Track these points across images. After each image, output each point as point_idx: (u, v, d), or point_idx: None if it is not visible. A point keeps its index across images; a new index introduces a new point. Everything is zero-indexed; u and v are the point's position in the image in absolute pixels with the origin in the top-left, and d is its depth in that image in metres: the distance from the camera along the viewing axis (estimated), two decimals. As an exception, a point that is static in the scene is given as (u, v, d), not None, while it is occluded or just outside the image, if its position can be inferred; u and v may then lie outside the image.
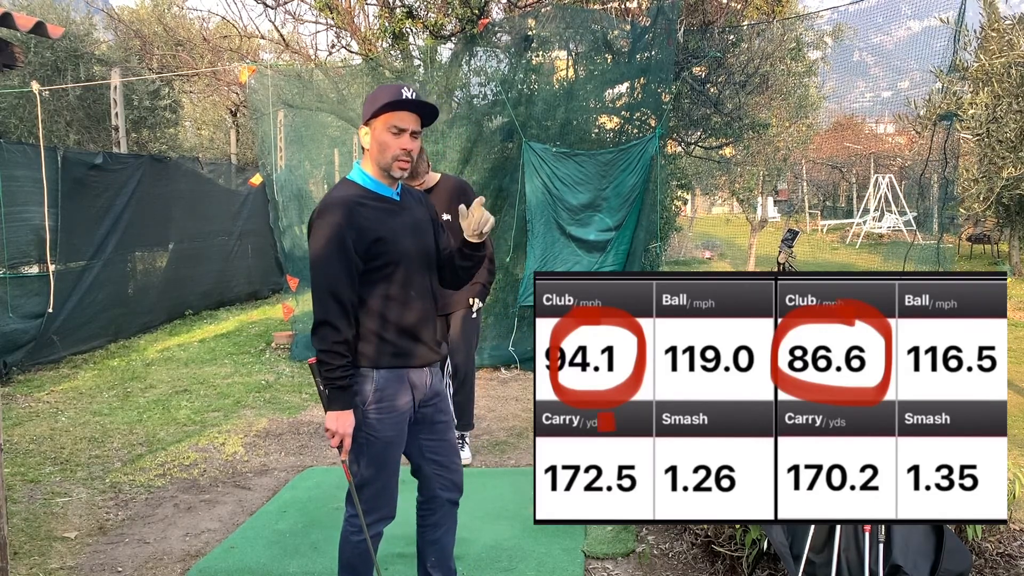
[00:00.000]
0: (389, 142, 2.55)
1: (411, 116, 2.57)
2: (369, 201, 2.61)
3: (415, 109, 2.57)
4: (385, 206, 2.63)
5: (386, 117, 2.55)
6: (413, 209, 2.72)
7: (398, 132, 2.55)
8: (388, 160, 2.57)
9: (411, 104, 2.54)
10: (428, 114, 2.63)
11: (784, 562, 3.02)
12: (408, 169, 2.62)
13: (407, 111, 2.56)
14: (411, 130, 2.57)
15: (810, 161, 23.63)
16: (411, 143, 2.58)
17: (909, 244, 6.09)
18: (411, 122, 2.57)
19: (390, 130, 2.55)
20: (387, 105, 2.53)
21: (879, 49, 10.63)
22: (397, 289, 2.57)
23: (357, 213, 2.55)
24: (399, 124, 2.55)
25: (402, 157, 2.57)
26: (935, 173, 8.07)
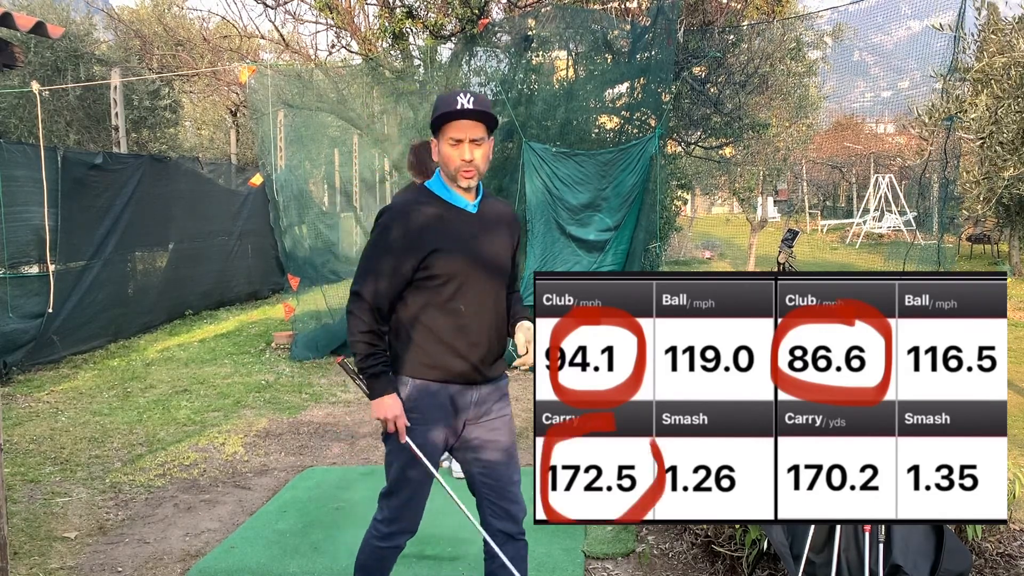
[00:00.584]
0: (450, 154, 2.50)
1: (470, 124, 2.48)
2: (434, 208, 2.55)
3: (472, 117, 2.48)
4: (452, 216, 2.56)
5: (444, 129, 2.50)
6: (490, 224, 2.62)
7: (455, 143, 2.49)
8: (452, 172, 2.52)
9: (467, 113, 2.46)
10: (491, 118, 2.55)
11: (784, 562, 3.02)
12: (474, 177, 2.53)
13: (465, 120, 2.48)
14: (470, 139, 2.48)
15: (810, 161, 23.64)
16: (472, 153, 2.49)
17: (909, 244, 6.09)
18: (470, 131, 2.49)
19: (448, 142, 2.50)
20: (440, 117, 2.49)
21: (879, 49, 10.63)
22: (443, 300, 2.51)
23: (413, 219, 2.52)
24: (455, 135, 2.48)
25: (464, 168, 2.50)
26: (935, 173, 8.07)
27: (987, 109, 4.68)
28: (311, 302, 8.94)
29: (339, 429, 5.77)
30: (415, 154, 4.61)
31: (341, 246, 12.11)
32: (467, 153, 2.48)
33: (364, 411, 6.24)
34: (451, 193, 2.57)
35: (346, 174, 11.40)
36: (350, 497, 4.42)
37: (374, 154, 11.38)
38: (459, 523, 4.03)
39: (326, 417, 6.07)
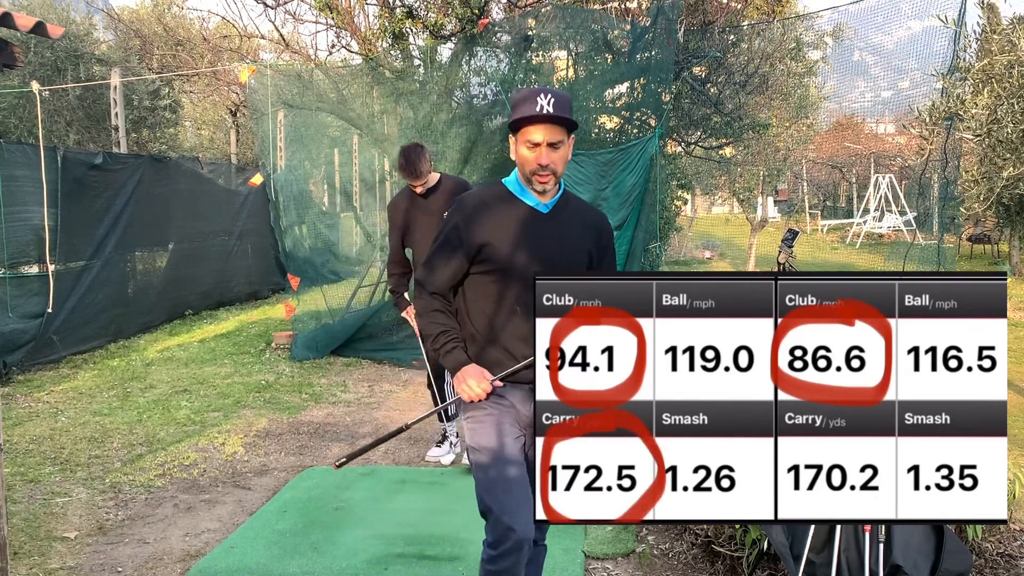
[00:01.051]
0: (526, 157, 2.45)
1: (547, 127, 2.40)
2: (503, 205, 2.51)
3: (552, 121, 2.39)
4: (518, 213, 2.50)
5: (522, 130, 2.43)
6: (563, 227, 2.54)
7: (533, 146, 2.42)
8: (528, 175, 2.47)
9: (547, 118, 2.38)
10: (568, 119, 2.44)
11: (784, 562, 3.02)
12: (549, 182, 2.47)
13: (542, 123, 2.39)
14: (547, 142, 2.41)
15: (810, 161, 23.64)
16: (549, 156, 2.41)
17: (909, 244, 6.09)
18: (547, 134, 2.40)
19: (525, 144, 2.43)
20: (518, 121, 2.41)
21: (879, 49, 10.63)
22: (497, 298, 2.48)
23: (478, 212, 2.50)
24: (532, 139, 2.41)
25: (539, 173, 2.44)
26: (935, 173, 8.08)
27: (987, 108, 4.68)
28: (311, 302, 8.94)
29: (339, 429, 5.76)
30: (405, 156, 4.62)
31: (341, 246, 12.11)
32: (544, 157, 2.42)
33: (364, 411, 6.24)
34: (524, 190, 2.53)
35: (346, 174, 11.40)
36: (350, 497, 4.42)
37: (374, 154, 11.38)
38: (459, 523, 4.03)
39: (326, 417, 6.07)
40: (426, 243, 4.78)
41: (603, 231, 2.64)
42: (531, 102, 2.38)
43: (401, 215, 4.80)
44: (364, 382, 7.19)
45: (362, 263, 10.24)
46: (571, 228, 2.55)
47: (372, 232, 11.11)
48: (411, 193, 4.74)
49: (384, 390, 6.89)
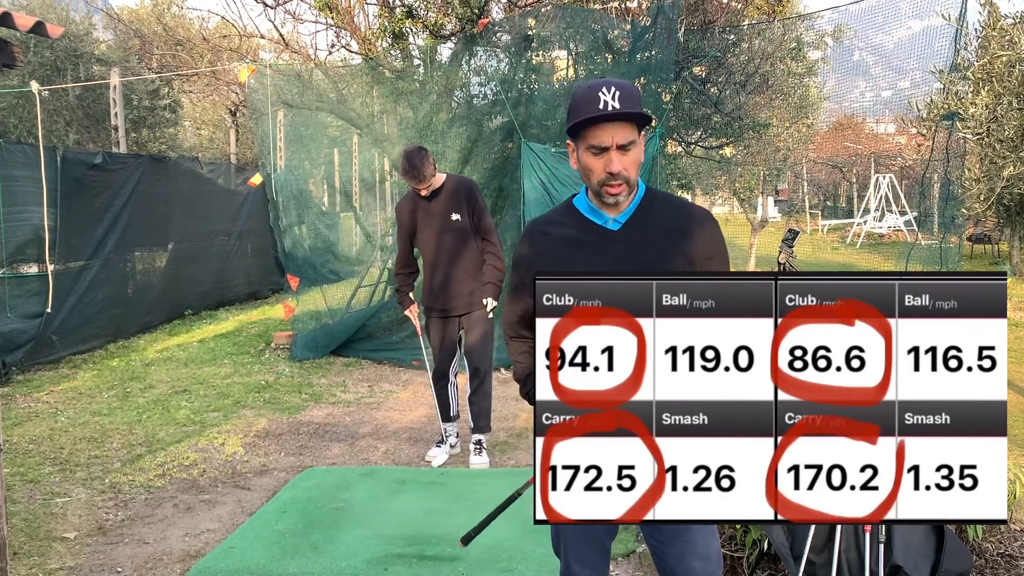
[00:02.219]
0: (592, 165, 2.05)
1: (614, 126, 2.00)
2: (563, 228, 2.19)
3: (619, 118, 2.00)
4: (584, 236, 2.16)
5: (583, 134, 2.03)
6: (639, 242, 2.16)
7: (598, 152, 2.03)
8: (595, 186, 2.08)
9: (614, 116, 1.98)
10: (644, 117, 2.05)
11: (784, 562, 3.01)
12: (622, 192, 2.08)
13: (608, 122, 2.00)
14: (616, 144, 2.02)
15: (810, 161, 23.64)
16: (620, 162, 2.03)
17: (911, 244, 6.09)
18: (616, 135, 2.01)
19: (589, 151, 2.04)
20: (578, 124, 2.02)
21: (879, 49, 10.63)
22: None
23: (536, 241, 2.22)
24: (599, 143, 2.02)
25: (610, 183, 2.05)
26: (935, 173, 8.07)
27: (987, 107, 4.68)
28: (311, 302, 8.94)
29: (339, 429, 5.76)
30: (408, 160, 4.61)
31: (341, 246, 12.11)
32: (615, 163, 2.03)
33: (364, 412, 6.24)
34: (591, 208, 2.16)
35: (346, 174, 11.40)
36: (350, 497, 4.41)
37: (374, 154, 11.37)
38: (459, 523, 4.02)
39: (326, 417, 6.06)
40: (433, 244, 4.77)
41: (696, 234, 2.18)
42: (592, 99, 1.98)
43: (407, 217, 4.81)
44: (364, 382, 7.18)
45: (362, 263, 10.24)
46: (649, 240, 2.16)
47: (372, 232, 11.11)
48: (416, 195, 4.74)
49: (384, 390, 6.89)
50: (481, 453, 4.90)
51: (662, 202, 2.20)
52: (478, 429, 4.91)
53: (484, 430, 4.93)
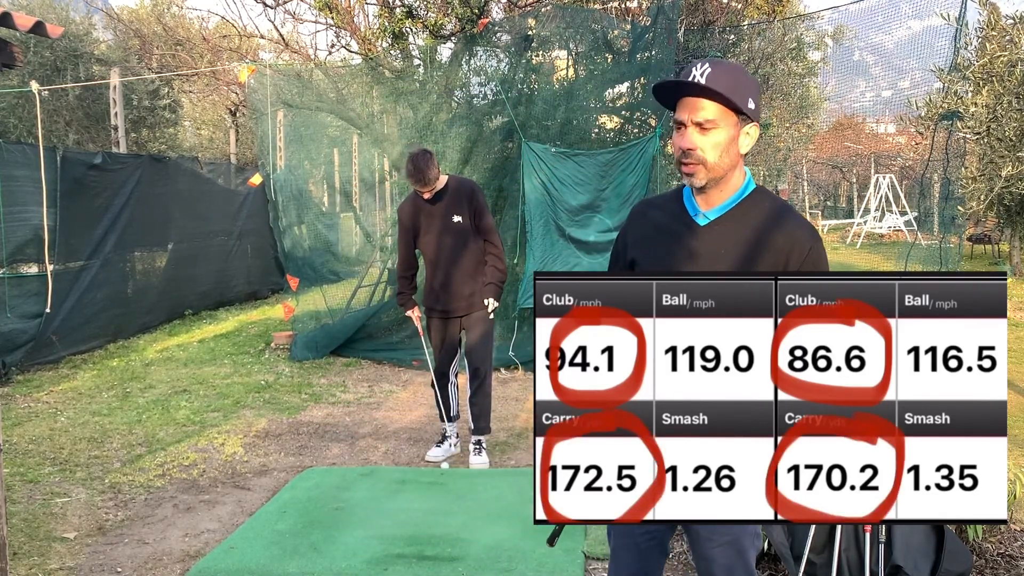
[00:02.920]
0: (673, 141, 1.99)
1: (696, 102, 1.93)
2: (662, 212, 2.12)
3: (699, 93, 1.91)
4: (673, 225, 2.09)
5: (675, 112, 1.98)
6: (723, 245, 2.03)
7: (679, 127, 1.97)
8: (676, 164, 2.03)
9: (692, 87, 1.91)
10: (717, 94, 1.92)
11: (784, 562, 3.01)
12: (697, 174, 1.97)
13: (691, 97, 1.93)
14: (693, 120, 1.93)
15: (811, 161, 23.65)
16: (693, 140, 1.94)
17: (911, 244, 6.09)
18: (693, 110, 1.93)
19: (675, 126, 1.99)
20: (660, 92, 1.97)
21: (879, 49, 10.63)
22: None
23: (635, 220, 2.18)
24: (677, 117, 1.96)
25: (683, 160, 1.97)
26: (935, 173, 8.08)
27: (987, 107, 4.68)
28: (311, 302, 8.94)
29: (339, 430, 5.76)
30: (413, 163, 4.62)
31: (341, 246, 12.11)
32: (686, 139, 1.94)
33: (364, 412, 6.23)
34: (690, 196, 2.08)
35: (345, 174, 11.40)
36: (350, 497, 4.41)
37: (374, 154, 11.38)
38: (459, 523, 4.03)
39: (326, 417, 6.06)
40: (434, 245, 4.78)
41: (791, 253, 2.02)
42: (686, 72, 1.93)
43: (410, 219, 4.82)
44: (364, 382, 7.18)
45: (362, 263, 10.24)
46: (731, 248, 2.03)
47: (372, 232, 11.11)
48: (418, 197, 4.75)
49: (384, 390, 6.89)
50: (481, 453, 4.90)
51: (767, 210, 2.03)
52: (478, 430, 4.91)
53: (484, 431, 4.93)
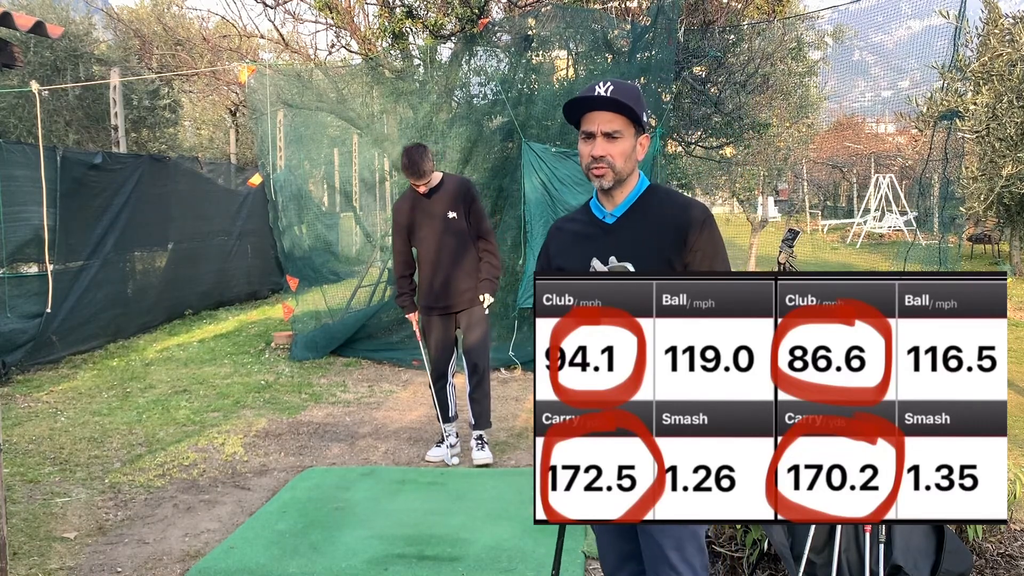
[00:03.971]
0: (582, 151, 2.21)
1: (603, 115, 2.16)
2: (574, 223, 2.33)
3: (602, 106, 2.15)
4: (586, 229, 2.29)
5: (582, 123, 2.20)
6: (629, 238, 2.25)
7: (586, 138, 2.19)
8: (585, 171, 2.23)
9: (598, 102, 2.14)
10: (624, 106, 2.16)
11: (784, 562, 3.01)
12: (606, 176, 2.18)
13: (595, 110, 2.16)
14: (602, 131, 2.16)
15: (810, 161, 23.64)
16: (603, 148, 2.16)
17: (909, 244, 6.08)
18: (601, 121, 2.16)
19: (582, 137, 2.20)
20: (568, 110, 2.20)
21: (879, 49, 10.63)
22: None
23: (553, 235, 2.35)
24: (586, 128, 2.18)
25: (593, 166, 2.18)
26: (935, 173, 8.09)
27: (987, 106, 4.68)
28: (311, 302, 8.94)
29: (339, 429, 5.76)
30: (408, 156, 4.63)
31: (341, 246, 12.11)
32: (597, 148, 2.17)
33: (364, 411, 6.24)
34: (595, 202, 2.30)
35: (346, 174, 11.40)
36: (350, 497, 4.41)
37: (374, 154, 11.37)
38: (459, 523, 4.03)
39: (326, 417, 6.06)
40: (430, 242, 4.78)
41: (688, 228, 2.24)
42: (588, 90, 2.16)
43: (405, 216, 4.81)
44: (364, 382, 7.18)
45: (362, 263, 10.23)
46: (640, 236, 2.25)
47: (372, 232, 11.10)
48: (414, 194, 4.76)
49: (384, 390, 6.89)
50: (483, 448, 4.91)
51: (662, 198, 2.27)
52: (479, 425, 4.92)
53: (484, 426, 4.94)
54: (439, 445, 5.09)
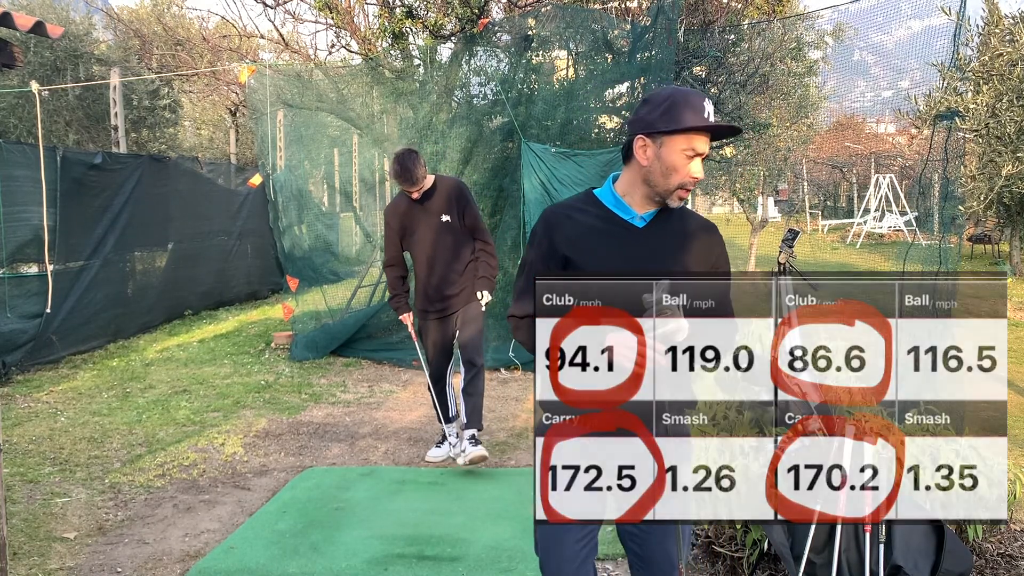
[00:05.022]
0: (679, 166, 2.12)
1: (707, 136, 2.15)
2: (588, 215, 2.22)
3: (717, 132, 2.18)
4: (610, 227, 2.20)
5: (684, 137, 2.10)
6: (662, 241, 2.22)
7: (692, 156, 2.12)
8: (671, 186, 2.14)
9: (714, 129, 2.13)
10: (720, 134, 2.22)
11: (784, 562, 3.01)
12: (686, 200, 2.20)
13: (708, 133, 2.14)
14: (704, 153, 2.15)
15: (811, 161, 23.64)
16: (700, 169, 2.16)
17: (909, 244, 6.08)
18: (708, 144, 2.16)
19: (685, 152, 2.11)
20: (692, 128, 2.10)
21: (879, 48, 10.62)
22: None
23: (560, 222, 2.22)
24: (700, 148, 2.12)
25: (688, 186, 2.15)
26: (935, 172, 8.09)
27: (987, 106, 4.68)
28: (311, 302, 8.94)
29: (339, 430, 5.76)
30: (400, 163, 4.58)
31: (341, 246, 12.10)
32: (702, 172, 2.16)
33: (364, 412, 6.23)
34: (620, 204, 2.22)
35: (346, 174, 11.40)
36: (350, 498, 4.41)
37: (374, 154, 11.38)
38: (459, 523, 4.03)
39: (326, 418, 6.06)
40: (425, 246, 4.75)
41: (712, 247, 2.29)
42: (699, 107, 2.09)
43: (398, 219, 4.77)
44: (364, 382, 7.18)
45: (362, 263, 10.24)
46: (670, 242, 2.24)
47: (372, 232, 11.10)
48: (407, 198, 4.71)
49: (384, 390, 6.89)
50: (477, 444, 4.83)
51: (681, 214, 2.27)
52: (471, 424, 4.86)
53: (476, 425, 4.87)
54: (439, 445, 5.08)
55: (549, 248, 2.21)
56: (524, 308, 2.21)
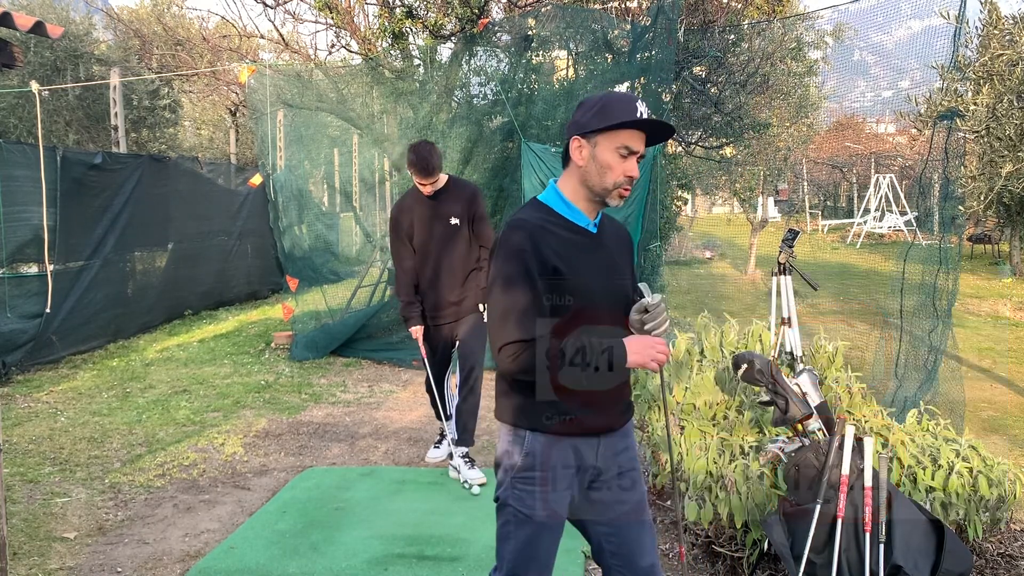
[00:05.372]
0: (613, 165, 2.13)
1: (641, 135, 2.16)
2: (557, 229, 2.17)
3: (650, 129, 2.16)
4: (576, 237, 2.18)
5: (616, 135, 2.12)
6: (610, 245, 2.25)
7: (627, 154, 2.14)
8: (608, 186, 2.15)
9: (647, 123, 2.13)
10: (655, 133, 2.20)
11: (784, 562, 3.01)
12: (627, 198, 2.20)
13: (641, 130, 2.15)
14: (640, 152, 2.16)
15: (811, 161, 23.64)
16: (636, 168, 2.16)
17: (909, 244, 6.07)
18: (642, 142, 2.16)
19: (619, 151, 2.13)
20: (623, 124, 2.10)
21: (879, 48, 10.62)
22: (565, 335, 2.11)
23: (542, 239, 2.12)
24: (631, 145, 2.13)
25: (625, 185, 2.16)
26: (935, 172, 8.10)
27: (987, 106, 4.68)
28: (311, 302, 8.94)
29: (338, 429, 5.76)
30: (416, 152, 4.48)
31: (341, 246, 12.10)
32: (636, 170, 2.16)
33: (364, 411, 6.23)
34: (572, 209, 2.21)
35: (346, 174, 11.40)
36: (350, 497, 4.41)
37: (374, 154, 11.38)
38: (460, 524, 4.03)
39: (326, 417, 6.06)
40: (431, 248, 4.64)
41: (631, 243, 2.39)
42: (631, 108, 2.10)
43: (407, 217, 4.61)
44: (364, 382, 7.18)
45: (362, 263, 10.24)
46: (613, 245, 2.28)
47: (372, 232, 11.11)
48: (418, 195, 4.59)
49: (384, 390, 6.89)
50: (473, 467, 4.66)
51: (608, 218, 2.34)
52: (462, 442, 4.68)
53: (468, 443, 4.71)
54: (438, 446, 5.07)
55: (539, 260, 2.10)
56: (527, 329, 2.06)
